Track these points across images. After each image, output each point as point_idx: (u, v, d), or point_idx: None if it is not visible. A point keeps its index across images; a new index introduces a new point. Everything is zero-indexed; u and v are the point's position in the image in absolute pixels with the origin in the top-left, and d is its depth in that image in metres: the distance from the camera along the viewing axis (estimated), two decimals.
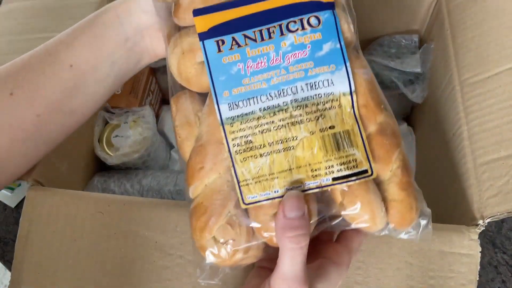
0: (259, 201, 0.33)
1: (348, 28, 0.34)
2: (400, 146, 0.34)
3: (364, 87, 0.34)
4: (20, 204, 0.44)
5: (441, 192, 0.53)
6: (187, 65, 0.34)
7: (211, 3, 0.34)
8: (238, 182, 0.33)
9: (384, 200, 0.33)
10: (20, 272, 0.43)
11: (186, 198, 0.36)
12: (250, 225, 0.33)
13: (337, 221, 0.33)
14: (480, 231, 0.40)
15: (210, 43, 0.33)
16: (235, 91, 0.33)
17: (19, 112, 0.38)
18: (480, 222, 0.41)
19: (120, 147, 0.61)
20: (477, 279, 0.40)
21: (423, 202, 0.35)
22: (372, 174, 0.33)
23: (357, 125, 0.33)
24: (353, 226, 0.33)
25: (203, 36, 0.33)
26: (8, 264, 0.64)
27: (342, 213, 0.33)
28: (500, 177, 0.42)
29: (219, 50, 0.33)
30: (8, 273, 0.66)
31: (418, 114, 0.69)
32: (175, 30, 0.36)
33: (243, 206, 0.33)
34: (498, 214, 0.40)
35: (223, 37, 0.33)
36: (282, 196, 0.32)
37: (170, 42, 0.36)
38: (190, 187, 0.34)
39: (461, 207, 0.45)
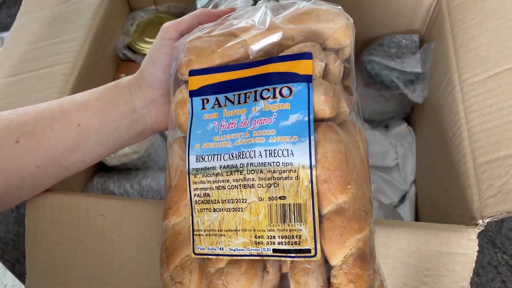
0: (206, 254, 0.34)
1: (324, 101, 0.33)
2: (362, 233, 0.32)
3: (329, 162, 0.32)
4: (20, 204, 0.44)
5: (440, 192, 0.53)
6: (179, 113, 0.37)
7: (206, 65, 0.37)
8: (193, 231, 0.34)
9: (331, 286, 0.32)
10: (34, 270, 0.44)
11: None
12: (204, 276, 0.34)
13: None
14: (479, 231, 0.40)
15: (197, 101, 0.36)
16: (205, 145, 0.35)
17: (20, 160, 0.40)
18: (480, 222, 0.41)
19: None
20: (471, 276, 0.40)
21: None
22: (315, 255, 0.31)
23: (311, 200, 0.31)
24: None
25: (193, 94, 0.36)
26: (8, 264, 0.64)
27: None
28: (499, 177, 0.42)
29: (203, 108, 0.36)
30: (8, 273, 0.66)
31: (418, 114, 0.69)
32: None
33: (192, 255, 0.34)
34: (498, 214, 0.40)
35: (209, 97, 0.36)
36: (225, 255, 0.33)
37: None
38: (163, 222, 0.37)
39: (461, 207, 0.44)
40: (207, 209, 0.34)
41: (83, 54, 0.56)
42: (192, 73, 0.37)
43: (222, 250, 0.33)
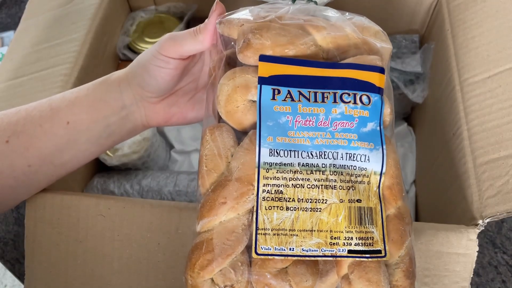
0: (271, 254, 0.32)
1: (389, 113, 0.37)
2: (411, 235, 0.35)
3: (393, 171, 0.35)
4: (19, 204, 0.44)
5: (441, 192, 0.53)
6: (237, 99, 0.35)
7: (279, 54, 0.35)
8: (257, 229, 0.32)
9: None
10: (33, 271, 0.44)
11: (193, 232, 0.35)
12: (252, 277, 0.32)
13: None
14: (479, 231, 0.40)
15: (267, 89, 0.35)
16: (279, 139, 0.34)
17: (12, 160, 0.39)
18: (480, 222, 0.41)
19: (119, 148, 0.61)
20: (471, 276, 0.40)
21: None
22: (385, 255, 0.33)
23: (380, 205, 0.34)
24: None
25: (262, 81, 0.35)
26: (8, 264, 0.64)
27: (344, 286, 0.33)
28: (499, 177, 0.42)
29: (273, 98, 0.35)
30: (8, 273, 0.66)
31: (418, 114, 0.69)
32: (221, 63, 0.38)
33: (254, 256, 0.32)
34: (498, 214, 0.40)
35: (280, 88, 0.35)
36: (295, 256, 0.32)
37: (224, 73, 0.37)
38: (202, 220, 0.34)
39: (461, 207, 0.44)
40: (278, 207, 0.33)
41: (83, 54, 0.56)
42: (264, 58, 0.35)
43: (292, 250, 0.32)
